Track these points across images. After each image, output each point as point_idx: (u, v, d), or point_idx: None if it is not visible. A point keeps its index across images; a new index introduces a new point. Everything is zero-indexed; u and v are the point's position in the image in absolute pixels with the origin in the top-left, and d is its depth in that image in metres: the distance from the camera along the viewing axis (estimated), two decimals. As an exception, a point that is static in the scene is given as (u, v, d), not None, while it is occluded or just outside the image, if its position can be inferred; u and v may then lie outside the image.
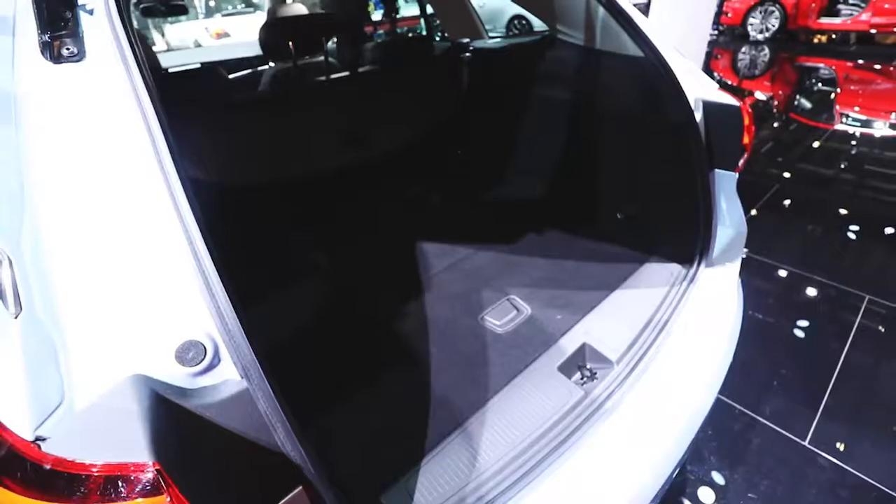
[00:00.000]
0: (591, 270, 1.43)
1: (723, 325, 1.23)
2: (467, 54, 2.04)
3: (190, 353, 0.53)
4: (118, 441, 0.44)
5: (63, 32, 0.62)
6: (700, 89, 1.30)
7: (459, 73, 2.04)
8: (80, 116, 0.59)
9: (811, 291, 2.26)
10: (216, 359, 0.55)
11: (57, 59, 0.61)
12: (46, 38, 0.61)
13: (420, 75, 1.98)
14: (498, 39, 2.14)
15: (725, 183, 1.35)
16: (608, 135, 1.54)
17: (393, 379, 1.14)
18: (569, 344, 1.15)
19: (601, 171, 1.60)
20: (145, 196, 0.56)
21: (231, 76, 2.13)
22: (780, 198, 3.11)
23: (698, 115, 1.27)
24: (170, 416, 0.50)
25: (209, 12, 6.36)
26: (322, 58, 2.11)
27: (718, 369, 1.14)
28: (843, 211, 2.90)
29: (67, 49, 0.62)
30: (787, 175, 3.42)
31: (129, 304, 0.53)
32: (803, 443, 1.56)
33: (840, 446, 1.53)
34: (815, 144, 3.95)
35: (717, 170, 1.33)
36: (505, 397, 1.03)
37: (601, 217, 1.62)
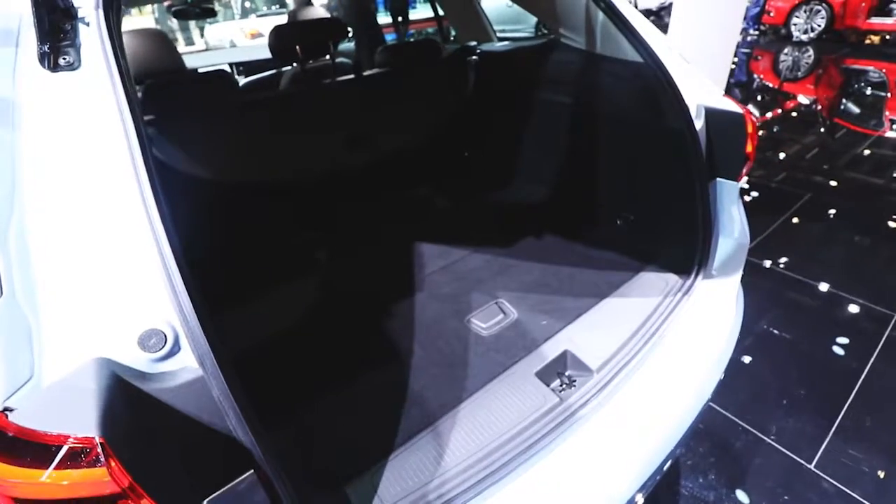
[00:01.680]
0: (584, 277, 1.42)
1: (715, 338, 1.20)
2: (474, 57, 2.05)
3: (151, 340, 0.57)
4: (74, 416, 0.49)
5: (61, 43, 0.69)
6: (704, 96, 1.27)
7: (466, 76, 2.05)
8: (69, 122, 0.64)
9: (838, 306, 2.15)
10: (176, 347, 0.59)
11: (54, 67, 0.67)
12: (45, 48, 0.67)
13: (427, 78, 2.01)
14: (506, 43, 2.14)
15: (728, 192, 1.31)
16: (608, 140, 1.52)
17: (373, 375, 1.18)
18: (550, 350, 1.15)
19: (601, 177, 1.59)
20: (120, 198, 0.61)
21: (245, 78, 2.22)
22: (824, 207, 2.95)
23: (700, 123, 1.24)
24: (126, 396, 0.54)
25: (245, 13, 6.63)
26: (340, 60, 2.17)
27: (704, 383, 1.11)
28: (893, 224, 2.73)
29: (64, 59, 0.68)
30: (833, 183, 3.24)
31: (100, 294, 0.58)
32: (809, 466, 1.50)
33: (851, 471, 1.46)
34: (866, 152, 3.73)
35: (718, 179, 1.30)
36: (479, 399, 1.04)
37: (600, 224, 1.60)
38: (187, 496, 0.58)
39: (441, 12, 2.46)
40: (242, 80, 2.53)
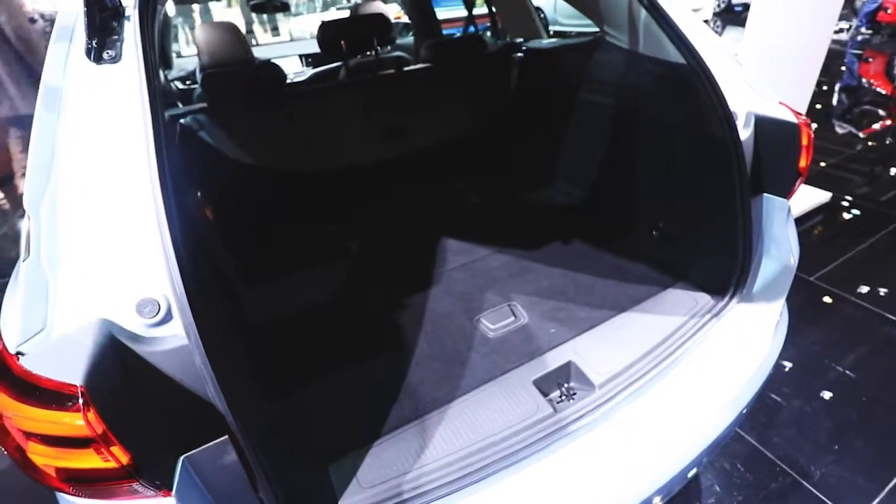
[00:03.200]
0: (605, 288, 1.36)
1: (742, 369, 1.10)
2: (519, 54, 2.01)
3: (147, 307, 0.64)
4: (67, 365, 0.56)
5: (107, 38, 0.78)
6: (757, 102, 1.16)
7: (509, 73, 2.01)
8: (103, 109, 0.73)
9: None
10: (168, 316, 0.65)
11: (98, 60, 0.76)
12: (93, 43, 0.76)
13: (471, 74, 1.99)
14: (553, 40, 2.07)
15: (776, 210, 1.19)
16: (647, 146, 1.43)
17: (373, 363, 1.21)
18: (554, 359, 1.11)
19: (636, 184, 1.50)
20: (133, 183, 0.68)
21: (312, 69, 2.32)
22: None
23: (748, 132, 1.14)
24: (118, 355, 0.61)
25: (325, 6, 7.01)
26: (398, 54, 2.22)
27: (720, 416, 1.02)
28: None
29: (108, 53, 0.77)
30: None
31: (108, 263, 0.65)
32: (854, 522, 1.34)
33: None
34: None
35: (766, 195, 1.18)
36: (471, 399, 1.04)
37: (632, 233, 1.51)
38: (163, 451, 0.65)
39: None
40: (310, 72, 2.67)
